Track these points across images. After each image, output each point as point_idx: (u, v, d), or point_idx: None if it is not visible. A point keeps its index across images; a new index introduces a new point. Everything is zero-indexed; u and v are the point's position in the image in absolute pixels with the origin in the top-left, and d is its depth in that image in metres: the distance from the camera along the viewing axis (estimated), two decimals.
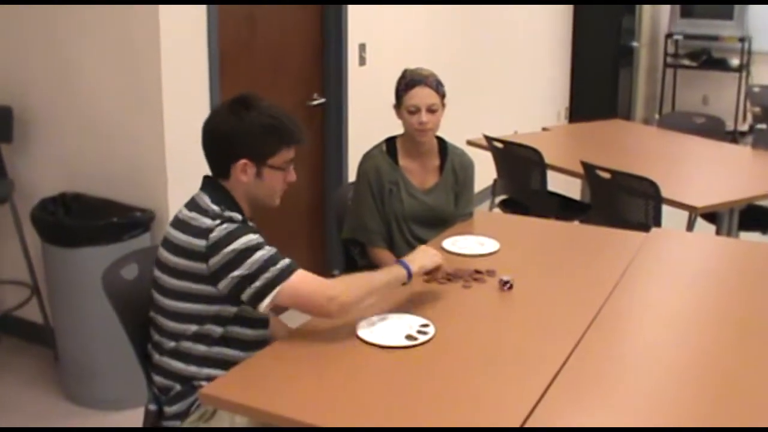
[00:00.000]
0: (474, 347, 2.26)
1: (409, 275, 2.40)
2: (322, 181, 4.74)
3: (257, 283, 2.20)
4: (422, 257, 2.50)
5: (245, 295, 2.22)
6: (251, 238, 2.23)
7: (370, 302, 2.31)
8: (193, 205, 2.32)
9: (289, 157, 2.37)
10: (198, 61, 3.64)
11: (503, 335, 2.34)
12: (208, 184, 2.38)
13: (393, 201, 3.18)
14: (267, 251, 2.23)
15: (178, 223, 2.29)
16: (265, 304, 2.21)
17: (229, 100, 2.38)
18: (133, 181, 3.59)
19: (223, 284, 2.22)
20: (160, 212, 3.52)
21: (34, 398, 3.62)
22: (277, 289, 2.20)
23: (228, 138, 2.31)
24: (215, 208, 2.28)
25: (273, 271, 2.21)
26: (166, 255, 2.29)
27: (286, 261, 2.25)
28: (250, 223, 2.34)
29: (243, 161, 2.30)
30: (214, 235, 2.21)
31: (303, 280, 2.24)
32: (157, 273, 2.32)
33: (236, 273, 2.20)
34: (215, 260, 2.20)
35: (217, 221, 2.23)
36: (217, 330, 2.29)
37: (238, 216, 2.29)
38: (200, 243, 2.22)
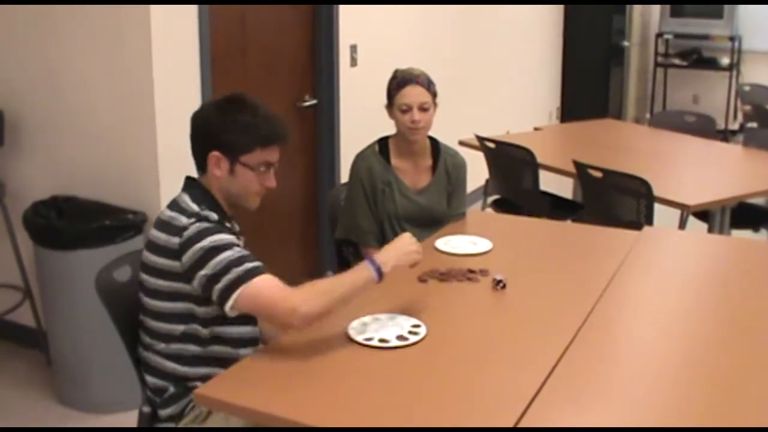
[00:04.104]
0: (467, 347, 2.26)
1: (379, 277, 2.25)
2: (315, 182, 4.74)
3: (220, 285, 2.16)
4: (397, 254, 2.33)
5: (213, 296, 2.19)
6: (220, 237, 2.20)
7: (337, 309, 2.19)
8: (174, 205, 2.32)
9: (265, 159, 2.32)
10: (189, 62, 3.63)
11: (496, 335, 2.35)
12: (188, 184, 2.38)
13: (386, 201, 3.18)
14: (234, 252, 2.18)
15: (160, 224, 2.30)
16: (228, 307, 2.16)
17: (221, 96, 2.38)
18: (125, 184, 3.58)
19: (195, 283, 2.20)
20: (152, 214, 3.51)
21: (27, 402, 3.61)
22: (238, 291, 2.14)
23: (204, 128, 2.32)
24: (194, 206, 2.27)
25: (235, 272, 2.14)
26: (147, 255, 2.30)
27: (252, 264, 2.17)
28: (228, 224, 2.31)
29: (216, 153, 2.29)
30: (187, 232, 2.20)
31: (265, 286, 2.15)
32: (142, 275, 2.33)
33: (203, 272, 2.17)
34: (186, 258, 2.19)
35: (192, 219, 2.22)
36: (203, 330, 2.28)
37: (213, 215, 2.26)
38: (175, 241, 2.22)
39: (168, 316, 2.28)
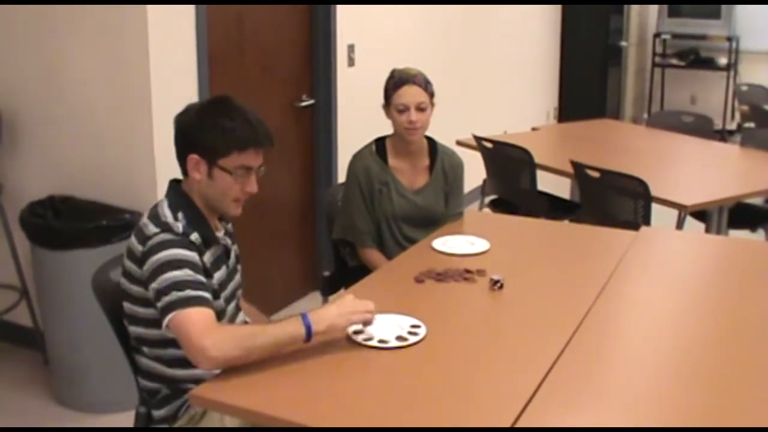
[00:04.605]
0: (465, 347, 2.26)
1: (308, 336, 2.10)
2: (312, 182, 4.74)
3: (160, 303, 2.12)
4: (335, 314, 2.16)
5: (158, 311, 2.14)
6: (177, 252, 2.16)
7: (254, 359, 2.05)
8: (152, 210, 2.29)
9: (242, 163, 2.26)
10: (187, 62, 3.63)
11: (494, 335, 2.34)
12: (170, 187, 2.36)
13: (383, 201, 3.18)
14: (182, 273, 2.13)
15: (136, 228, 2.28)
16: (164, 326, 2.11)
17: (207, 98, 2.36)
18: (122, 184, 3.58)
19: (150, 294, 2.17)
20: None
21: (24, 402, 3.60)
22: (170, 315, 2.08)
23: (183, 130, 2.29)
24: (168, 214, 2.24)
25: (175, 295, 2.09)
26: (124, 258, 2.30)
27: (193, 293, 2.10)
28: (196, 234, 2.24)
29: (194, 156, 2.26)
30: (150, 242, 2.18)
31: (192, 318, 2.06)
32: (121, 278, 2.32)
33: (153, 285, 2.14)
34: (145, 268, 2.18)
35: (158, 229, 2.20)
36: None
37: (179, 227, 2.21)
38: (140, 248, 2.21)
39: (144, 320, 2.27)
